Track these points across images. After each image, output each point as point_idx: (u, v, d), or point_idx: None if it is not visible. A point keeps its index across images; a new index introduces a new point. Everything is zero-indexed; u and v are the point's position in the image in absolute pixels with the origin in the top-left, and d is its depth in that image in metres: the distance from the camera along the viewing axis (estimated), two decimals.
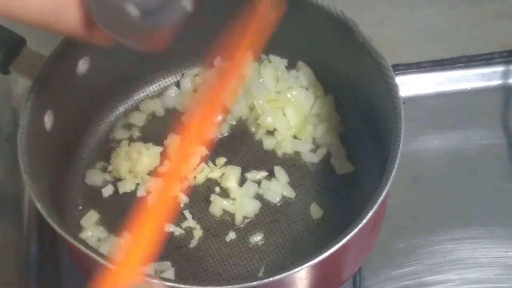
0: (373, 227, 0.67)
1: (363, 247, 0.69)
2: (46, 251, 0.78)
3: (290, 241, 0.75)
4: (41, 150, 0.69)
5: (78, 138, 0.80)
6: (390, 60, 0.70)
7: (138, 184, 0.78)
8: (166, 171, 0.60)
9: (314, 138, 0.81)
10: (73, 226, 0.75)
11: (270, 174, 0.79)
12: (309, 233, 0.75)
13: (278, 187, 0.78)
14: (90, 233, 0.75)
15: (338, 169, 0.79)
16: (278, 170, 0.79)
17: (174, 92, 0.85)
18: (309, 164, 0.80)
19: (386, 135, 0.67)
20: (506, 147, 0.84)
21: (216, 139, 0.81)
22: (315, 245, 0.73)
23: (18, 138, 0.65)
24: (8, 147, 0.79)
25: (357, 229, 0.59)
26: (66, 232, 0.61)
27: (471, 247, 0.77)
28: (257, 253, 0.74)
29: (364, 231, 0.60)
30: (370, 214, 0.60)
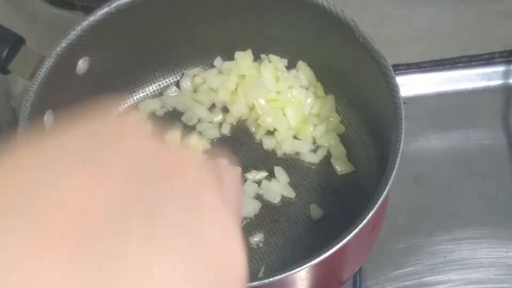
0: (373, 227, 0.67)
1: (364, 247, 0.69)
2: None
3: (290, 241, 0.74)
4: None
5: None
6: (390, 60, 0.70)
7: None
8: None
9: (314, 138, 0.81)
10: None
11: (270, 174, 0.79)
12: (309, 233, 0.75)
13: (278, 187, 0.77)
14: None
15: (339, 169, 0.79)
16: (278, 171, 0.79)
17: (174, 92, 0.85)
18: (309, 164, 0.80)
19: (386, 135, 0.67)
20: (507, 147, 0.84)
21: (216, 139, 0.81)
22: (315, 245, 0.73)
23: (18, 138, 0.65)
24: None
25: (357, 229, 0.59)
26: None
27: (472, 247, 0.77)
28: (257, 253, 0.74)
29: (364, 232, 0.60)
30: (370, 215, 0.60)
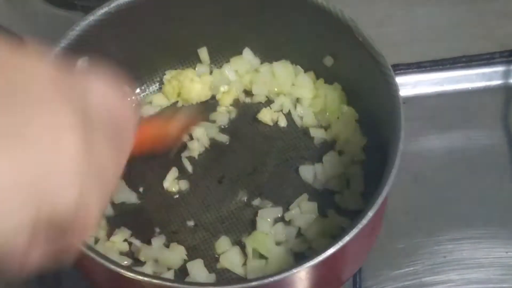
0: (373, 228, 0.67)
1: (363, 248, 0.69)
2: None
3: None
4: None
5: None
6: (390, 60, 0.70)
7: None
8: None
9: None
10: None
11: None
12: (309, 232, 0.75)
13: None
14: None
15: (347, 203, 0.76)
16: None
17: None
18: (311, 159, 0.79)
19: (386, 135, 0.67)
20: (507, 147, 0.84)
21: None
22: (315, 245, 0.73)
23: None
24: None
25: (357, 229, 0.59)
26: None
27: (472, 247, 0.77)
28: None
29: (364, 232, 0.60)
30: (370, 215, 0.60)
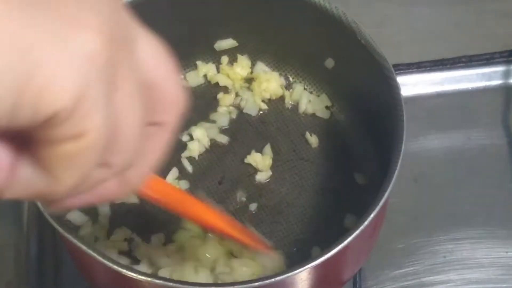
0: (374, 228, 0.67)
1: (364, 248, 0.69)
2: (46, 251, 0.78)
3: (290, 242, 0.74)
4: None
5: None
6: (390, 60, 0.70)
7: None
8: None
9: None
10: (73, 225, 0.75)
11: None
12: (309, 234, 0.75)
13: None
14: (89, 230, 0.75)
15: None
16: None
17: None
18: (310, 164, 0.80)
19: (387, 136, 0.67)
20: (507, 147, 0.84)
21: None
22: (316, 246, 0.73)
23: None
24: None
25: (358, 230, 0.59)
26: (66, 231, 0.60)
27: (472, 247, 0.77)
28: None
29: (365, 233, 0.60)
30: (372, 216, 0.60)
